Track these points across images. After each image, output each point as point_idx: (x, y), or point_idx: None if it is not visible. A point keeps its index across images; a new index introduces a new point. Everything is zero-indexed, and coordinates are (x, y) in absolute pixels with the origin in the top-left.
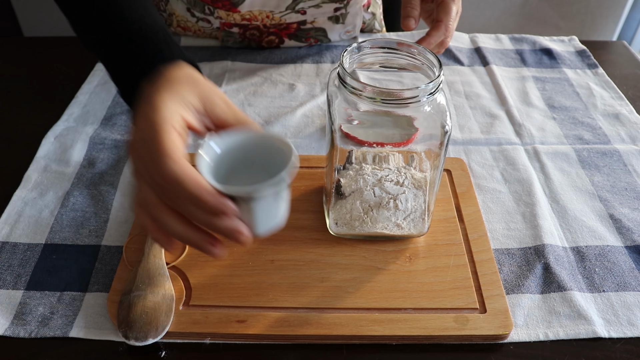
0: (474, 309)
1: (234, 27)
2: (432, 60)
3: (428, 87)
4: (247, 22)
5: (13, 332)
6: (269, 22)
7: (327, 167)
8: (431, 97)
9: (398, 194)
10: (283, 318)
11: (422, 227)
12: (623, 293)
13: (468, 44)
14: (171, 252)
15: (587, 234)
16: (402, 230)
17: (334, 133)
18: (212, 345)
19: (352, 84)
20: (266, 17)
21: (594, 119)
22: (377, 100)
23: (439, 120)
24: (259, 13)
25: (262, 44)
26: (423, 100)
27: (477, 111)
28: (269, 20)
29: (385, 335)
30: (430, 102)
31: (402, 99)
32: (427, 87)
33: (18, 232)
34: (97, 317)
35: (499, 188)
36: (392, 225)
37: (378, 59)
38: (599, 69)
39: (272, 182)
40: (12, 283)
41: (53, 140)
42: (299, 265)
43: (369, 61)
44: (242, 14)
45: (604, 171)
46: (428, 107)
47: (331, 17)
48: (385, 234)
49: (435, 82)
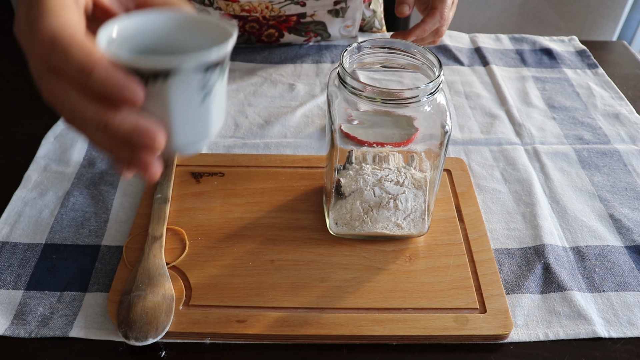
0: (474, 309)
1: (233, 19)
2: (432, 60)
3: (428, 87)
4: (246, 14)
5: (13, 332)
6: (269, 14)
7: (327, 167)
8: (431, 97)
9: (398, 193)
10: (283, 318)
11: (422, 227)
12: (623, 293)
13: (468, 44)
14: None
15: (587, 234)
16: (402, 230)
17: (334, 133)
18: (212, 345)
19: (352, 84)
20: (265, 8)
21: (594, 119)
22: (377, 100)
23: (439, 120)
24: (258, 4)
25: (261, 38)
26: (423, 100)
27: (477, 111)
28: (268, 12)
29: (385, 335)
30: (430, 102)
31: (402, 99)
32: (427, 87)
33: (18, 232)
34: (97, 317)
35: (499, 188)
36: (392, 225)
37: (378, 59)
38: (599, 69)
39: (197, 56)
40: (12, 283)
41: (53, 140)
42: (299, 265)
43: (369, 61)
44: (241, 4)
45: (604, 171)
46: (428, 107)
47: (331, 11)
48: (385, 234)
49: (435, 82)
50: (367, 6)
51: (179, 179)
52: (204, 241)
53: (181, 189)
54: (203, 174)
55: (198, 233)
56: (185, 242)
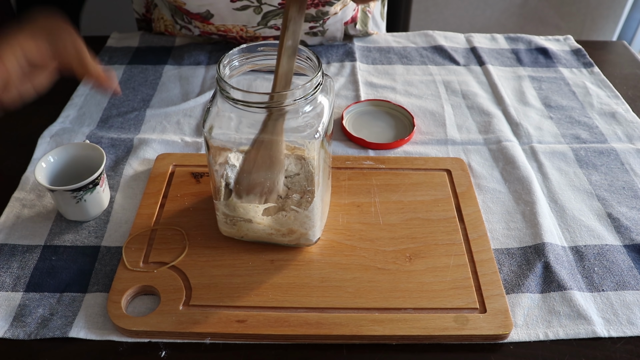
0: (474, 309)
1: (212, 35)
2: (315, 63)
3: (302, 90)
4: (223, 33)
5: (12, 334)
6: (245, 35)
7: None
8: (311, 98)
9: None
10: (283, 318)
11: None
12: (622, 292)
13: (464, 44)
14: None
15: (586, 233)
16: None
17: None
18: (212, 345)
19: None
20: (240, 30)
21: (590, 118)
22: (252, 105)
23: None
24: (232, 26)
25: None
26: (301, 103)
27: (474, 111)
28: (243, 33)
29: (385, 335)
30: (311, 103)
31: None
32: (302, 90)
33: (17, 233)
34: (97, 317)
35: (499, 188)
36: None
37: (266, 62)
38: (594, 67)
39: (65, 188)
40: (11, 285)
41: (49, 140)
42: (299, 265)
43: (257, 64)
44: (216, 25)
45: (601, 170)
46: (309, 107)
47: (308, 33)
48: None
49: (310, 84)
50: (353, 26)
51: (179, 179)
52: (204, 241)
53: (181, 189)
54: (203, 174)
55: (198, 233)
56: (186, 242)
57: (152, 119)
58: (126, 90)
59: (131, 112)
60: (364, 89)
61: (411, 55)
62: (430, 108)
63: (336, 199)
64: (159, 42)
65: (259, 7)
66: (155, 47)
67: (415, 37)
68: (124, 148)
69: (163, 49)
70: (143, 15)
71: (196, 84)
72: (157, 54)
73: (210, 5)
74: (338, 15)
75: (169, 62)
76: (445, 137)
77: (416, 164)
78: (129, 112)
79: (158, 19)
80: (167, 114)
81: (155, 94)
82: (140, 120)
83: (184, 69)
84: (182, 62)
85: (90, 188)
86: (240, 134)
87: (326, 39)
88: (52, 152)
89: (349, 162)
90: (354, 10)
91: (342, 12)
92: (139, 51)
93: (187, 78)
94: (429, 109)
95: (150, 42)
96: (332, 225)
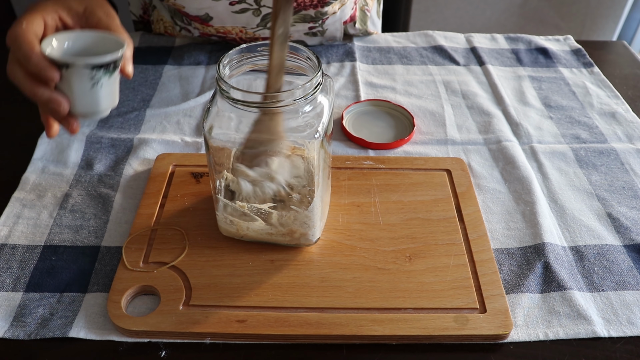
0: (474, 309)
1: (212, 36)
2: (315, 63)
3: (300, 91)
4: (222, 35)
5: (12, 335)
6: (244, 36)
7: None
8: (311, 98)
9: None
10: (283, 318)
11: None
12: (622, 292)
13: (464, 44)
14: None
15: (586, 233)
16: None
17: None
18: (212, 345)
19: (227, 89)
20: (240, 32)
21: (590, 118)
22: (251, 105)
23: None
24: (231, 28)
25: None
26: (301, 103)
27: (474, 111)
28: (243, 34)
29: (385, 335)
30: (311, 103)
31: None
32: (300, 90)
33: (17, 233)
34: (97, 317)
35: (499, 188)
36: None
37: (266, 61)
38: (594, 67)
39: (85, 59)
40: (11, 285)
41: (49, 139)
42: (299, 265)
43: (260, 64)
44: (216, 27)
45: (601, 170)
46: (309, 107)
47: (307, 33)
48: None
49: (310, 84)
50: (352, 25)
51: (179, 179)
52: (204, 241)
53: (181, 189)
54: (203, 174)
55: (198, 233)
56: (186, 242)
57: (152, 119)
58: (126, 90)
59: (131, 112)
60: (364, 89)
61: (411, 55)
62: (430, 108)
63: (336, 199)
64: (158, 42)
65: (258, 10)
66: (155, 47)
67: (415, 37)
68: (124, 148)
69: (163, 49)
70: (140, 17)
71: (196, 84)
72: (157, 54)
73: (209, 8)
74: (337, 14)
75: (169, 62)
76: (445, 137)
77: (416, 164)
78: (129, 112)
79: (157, 20)
80: (167, 114)
81: (155, 94)
82: (140, 120)
83: (184, 69)
84: (182, 62)
85: (110, 70)
86: (240, 133)
87: (326, 39)
88: (65, 35)
89: (349, 162)
90: (352, 9)
91: (341, 11)
92: (138, 51)
93: (187, 78)
94: (429, 109)
95: (150, 42)
96: (332, 225)
